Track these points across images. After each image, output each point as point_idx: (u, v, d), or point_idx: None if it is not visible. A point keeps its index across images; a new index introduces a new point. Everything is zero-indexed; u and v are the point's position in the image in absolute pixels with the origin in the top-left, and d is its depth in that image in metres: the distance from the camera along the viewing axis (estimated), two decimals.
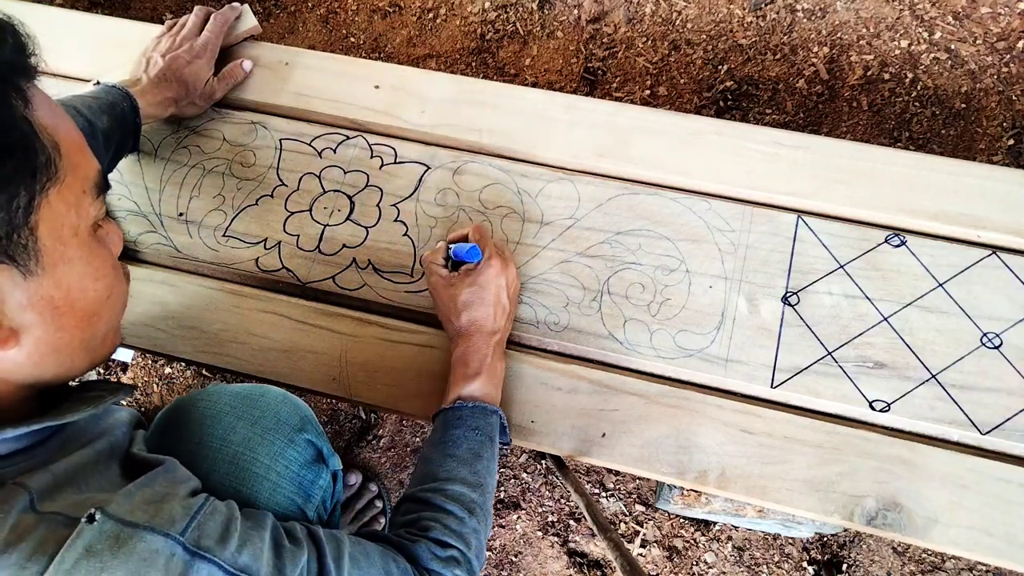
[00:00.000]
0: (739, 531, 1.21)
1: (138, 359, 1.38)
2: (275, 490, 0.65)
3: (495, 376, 0.75)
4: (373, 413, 1.32)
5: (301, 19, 1.62)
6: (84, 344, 0.52)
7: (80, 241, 0.49)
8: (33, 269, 0.45)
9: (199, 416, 0.67)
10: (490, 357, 0.75)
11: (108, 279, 0.52)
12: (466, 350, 0.75)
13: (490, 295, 0.76)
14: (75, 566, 0.43)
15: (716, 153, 0.89)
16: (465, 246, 0.79)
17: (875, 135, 1.39)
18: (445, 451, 0.69)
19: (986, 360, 0.78)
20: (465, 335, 0.76)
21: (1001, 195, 0.84)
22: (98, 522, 0.45)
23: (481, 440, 0.70)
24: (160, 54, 0.91)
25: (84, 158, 0.49)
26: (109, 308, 0.54)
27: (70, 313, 0.49)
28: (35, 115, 0.45)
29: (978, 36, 1.43)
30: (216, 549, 0.48)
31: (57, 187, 0.46)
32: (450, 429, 0.71)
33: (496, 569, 1.22)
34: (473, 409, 0.72)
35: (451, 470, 0.68)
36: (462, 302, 0.76)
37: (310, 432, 0.70)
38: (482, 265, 0.76)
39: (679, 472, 0.76)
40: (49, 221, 0.46)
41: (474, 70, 1.53)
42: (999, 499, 0.72)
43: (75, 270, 0.49)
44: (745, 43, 1.48)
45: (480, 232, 0.80)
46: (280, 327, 0.85)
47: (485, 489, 0.69)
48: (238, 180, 0.93)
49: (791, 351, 0.80)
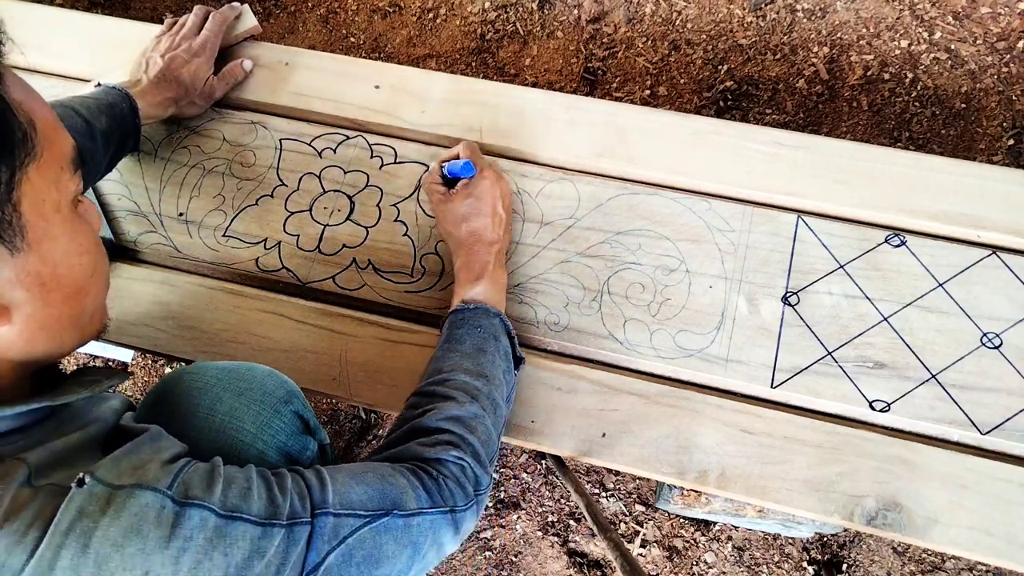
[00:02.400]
0: (739, 531, 1.21)
1: (138, 359, 1.38)
2: (262, 460, 0.66)
3: (497, 282, 0.78)
4: (373, 413, 1.32)
5: (301, 19, 1.62)
6: (73, 321, 0.53)
7: (63, 217, 0.50)
8: (19, 245, 0.46)
9: (185, 388, 0.68)
10: (491, 264, 0.77)
11: (92, 254, 0.53)
12: (468, 258, 0.78)
13: (487, 205, 0.79)
14: (70, 527, 0.44)
15: (716, 153, 0.89)
16: (459, 163, 0.81)
17: (875, 135, 1.39)
18: (449, 348, 0.71)
19: (986, 360, 0.78)
20: (466, 245, 0.79)
21: (1001, 195, 0.84)
22: (88, 485, 0.46)
23: (484, 337, 0.72)
24: (159, 54, 0.91)
25: (59, 134, 0.50)
26: (95, 284, 0.54)
27: (57, 289, 0.50)
28: (8, 92, 0.45)
29: (978, 36, 1.43)
30: (204, 495, 0.49)
31: (36, 163, 0.47)
32: (454, 329, 0.73)
33: (496, 569, 1.22)
34: (475, 311, 0.74)
35: (454, 363, 0.70)
36: (461, 214, 0.79)
37: (296, 404, 0.71)
38: (476, 178, 0.80)
39: (679, 472, 0.76)
40: (31, 197, 0.46)
41: (474, 70, 1.53)
42: (999, 499, 0.72)
43: (60, 246, 0.49)
44: (745, 43, 1.48)
45: (471, 148, 0.84)
46: (280, 327, 0.85)
47: (490, 380, 0.70)
48: (238, 180, 0.93)
49: (791, 351, 0.80)
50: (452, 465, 0.63)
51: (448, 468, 0.62)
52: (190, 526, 0.47)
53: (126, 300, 0.88)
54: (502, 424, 0.71)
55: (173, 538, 0.46)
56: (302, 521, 0.52)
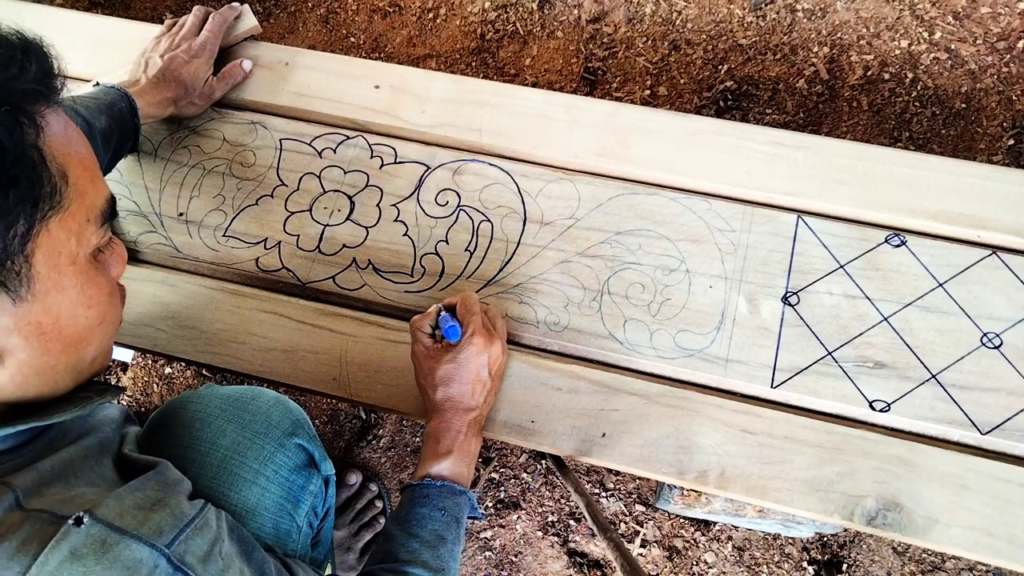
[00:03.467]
0: (739, 531, 1.21)
1: (138, 359, 1.38)
2: (263, 495, 0.65)
3: (467, 455, 0.73)
4: (373, 413, 1.32)
5: (301, 19, 1.62)
6: (70, 368, 0.52)
7: (77, 269, 0.48)
8: (24, 295, 0.45)
9: (189, 419, 0.67)
10: (463, 435, 0.72)
11: (102, 306, 0.52)
12: (439, 426, 0.73)
13: (469, 373, 0.72)
14: (59, 568, 0.43)
15: (716, 153, 0.89)
16: (448, 320, 0.75)
17: (875, 135, 1.39)
18: (408, 530, 0.67)
19: (986, 360, 0.78)
20: (440, 411, 0.73)
21: (1001, 195, 0.84)
22: (86, 525, 0.44)
23: (447, 521, 0.68)
24: (159, 54, 0.91)
25: (93, 186, 0.49)
26: (100, 333, 0.53)
27: (57, 339, 0.49)
28: (47, 142, 0.45)
29: (978, 36, 1.43)
30: (198, 568, 0.47)
31: (59, 215, 0.45)
32: (416, 507, 0.69)
33: (496, 569, 1.22)
34: (441, 488, 0.69)
35: (413, 551, 0.66)
36: (439, 377, 0.73)
37: (301, 436, 0.70)
38: (463, 342, 0.73)
39: (679, 472, 0.76)
40: (46, 249, 0.45)
41: (474, 70, 1.53)
42: (999, 499, 0.72)
43: (67, 297, 0.48)
44: (745, 43, 1.48)
45: (466, 306, 0.76)
46: (280, 327, 0.85)
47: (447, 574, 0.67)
48: (238, 180, 0.93)
49: (791, 351, 0.80)
50: None
51: None
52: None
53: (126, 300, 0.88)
54: None
55: None
56: None
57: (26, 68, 0.44)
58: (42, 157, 0.44)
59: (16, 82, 0.44)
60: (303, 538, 0.70)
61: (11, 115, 0.43)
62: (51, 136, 0.45)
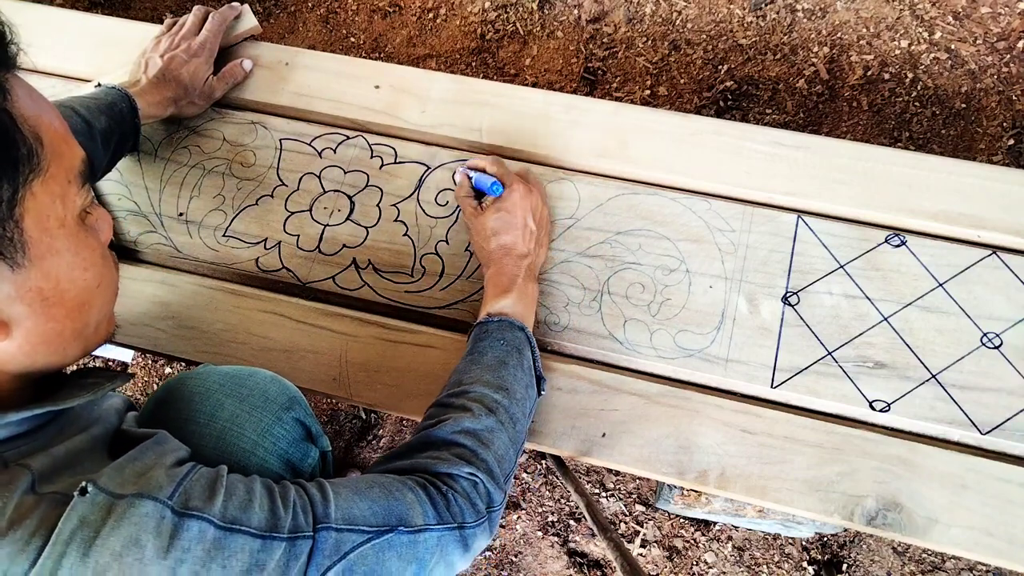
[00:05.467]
0: (739, 531, 1.21)
1: (138, 359, 1.38)
2: (262, 467, 0.66)
3: (525, 296, 0.77)
4: (373, 413, 1.32)
5: (301, 19, 1.62)
6: (76, 333, 0.53)
7: (67, 231, 0.49)
8: (20, 261, 0.46)
9: (188, 394, 0.67)
10: (520, 278, 0.77)
11: (97, 268, 0.52)
12: (497, 271, 0.78)
13: (516, 219, 0.79)
14: (71, 537, 0.44)
15: (716, 153, 0.89)
16: (486, 179, 0.82)
17: (875, 135, 1.39)
18: (471, 361, 0.71)
19: (986, 360, 0.78)
20: (496, 259, 0.78)
21: (1001, 195, 0.84)
22: (90, 494, 0.46)
23: (507, 350, 0.71)
24: (158, 54, 0.91)
25: (68, 147, 0.49)
26: (100, 296, 0.54)
27: (60, 304, 0.50)
28: (15, 106, 0.45)
29: (978, 36, 1.43)
30: (204, 507, 0.48)
31: (41, 178, 0.46)
32: (477, 342, 0.73)
33: (496, 569, 1.22)
34: (500, 323, 0.73)
35: (474, 375, 0.69)
36: (491, 228, 0.79)
37: (298, 411, 0.71)
38: (506, 192, 0.80)
39: (679, 472, 0.76)
40: (34, 212, 0.46)
41: (474, 70, 1.53)
42: (999, 499, 0.72)
43: (63, 260, 0.49)
44: (745, 43, 1.48)
45: (497, 165, 0.83)
46: (280, 327, 0.85)
47: (510, 393, 0.69)
48: (238, 180, 0.93)
49: (791, 351, 0.80)
50: (463, 480, 0.61)
51: (459, 483, 0.61)
52: (188, 537, 0.46)
53: (126, 300, 0.88)
54: (522, 440, 0.70)
55: (171, 549, 0.46)
56: (304, 535, 0.51)
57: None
58: (12, 121, 0.44)
59: None
60: None
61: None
62: (18, 99, 0.46)
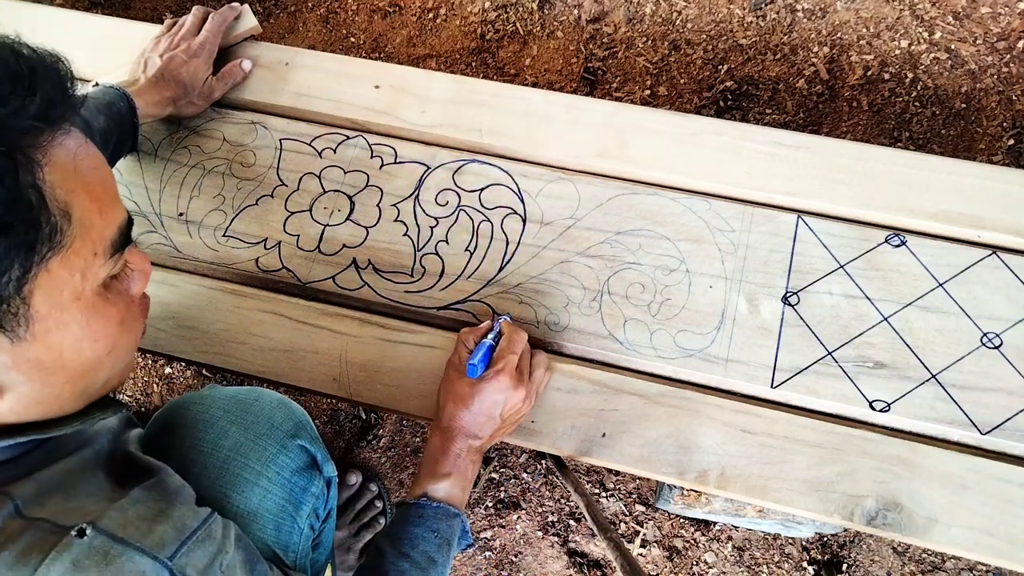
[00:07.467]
0: (739, 531, 1.21)
1: (138, 359, 1.38)
2: (265, 496, 0.65)
3: (464, 479, 0.72)
4: (373, 413, 1.32)
5: (301, 19, 1.62)
6: (76, 394, 0.51)
7: (81, 305, 0.47)
8: (22, 335, 0.44)
9: (191, 420, 0.67)
10: (462, 458, 0.72)
11: (110, 338, 0.50)
12: (441, 445, 0.72)
13: (483, 405, 0.72)
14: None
15: (716, 153, 0.89)
16: (481, 348, 0.74)
17: (875, 135, 1.39)
18: (400, 549, 0.67)
19: (986, 360, 0.78)
20: (446, 429, 0.73)
21: (1001, 195, 0.84)
22: (88, 537, 0.44)
23: (439, 543, 0.68)
24: (158, 54, 0.91)
25: (101, 217, 0.47)
26: (110, 361, 0.51)
27: (60, 372, 0.48)
28: (48, 179, 0.42)
29: (978, 36, 1.43)
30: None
31: (61, 255, 0.44)
32: (410, 526, 0.69)
33: (496, 569, 1.22)
34: (436, 509, 0.69)
35: (402, 572, 0.66)
36: (455, 395, 0.72)
37: (304, 438, 0.70)
38: (491, 374, 0.72)
39: (679, 472, 0.76)
40: (46, 289, 0.44)
41: (474, 70, 1.53)
42: (999, 499, 0.72)
43: (71, 334, 0.47)
44: (745, 43, 1.48)
45: (508, 342, 0.75)
46: (280, 327, 0.85)
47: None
48: (238, 180, 0.93)
49: (791, 351, 0.80)
50: None
51: None
52: None
53: None
54: None
55: None
56: None
57: (29, 101, 0.42)
58: (41, 197, 0.42)
59: (15, 119, 0.42)
60: (304, 540, 0.70)
61: (5, 158, 0.40)
62: (54, 171, 0.43)
